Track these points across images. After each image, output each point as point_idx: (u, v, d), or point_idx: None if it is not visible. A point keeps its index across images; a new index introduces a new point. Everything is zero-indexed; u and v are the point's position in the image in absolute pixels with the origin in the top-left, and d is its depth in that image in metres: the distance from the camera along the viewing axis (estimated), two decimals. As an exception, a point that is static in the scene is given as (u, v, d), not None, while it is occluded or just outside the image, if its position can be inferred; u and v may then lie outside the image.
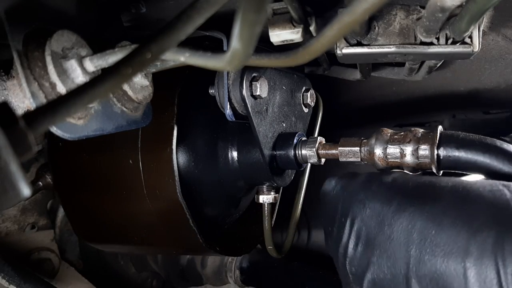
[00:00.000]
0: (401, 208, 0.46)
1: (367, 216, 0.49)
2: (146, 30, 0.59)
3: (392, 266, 0.45)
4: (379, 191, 0.49)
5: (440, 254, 0.41)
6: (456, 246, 0.41)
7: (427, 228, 0.43)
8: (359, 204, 0.50)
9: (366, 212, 0.49)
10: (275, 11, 0.49)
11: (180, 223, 0.63)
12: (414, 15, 0.49)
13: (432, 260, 0.42)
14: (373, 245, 0.47)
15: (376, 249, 0.47)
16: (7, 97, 0.40)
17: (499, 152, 0.48)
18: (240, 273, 1.01)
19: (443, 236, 0.42)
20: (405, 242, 0.44)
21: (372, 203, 0.49)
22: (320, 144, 0.63)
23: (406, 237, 0.44)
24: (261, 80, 0.60)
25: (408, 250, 0.44)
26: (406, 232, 0.45)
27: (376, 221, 0.48)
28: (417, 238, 0.44)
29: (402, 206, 0.46)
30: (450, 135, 0.52)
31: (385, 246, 0.46)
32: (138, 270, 1.08)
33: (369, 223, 0.48)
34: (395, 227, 0.46)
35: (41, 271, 0.91)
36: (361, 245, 0.49)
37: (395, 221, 0.46)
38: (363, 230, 0.49)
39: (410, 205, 0.46)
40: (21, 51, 0.36)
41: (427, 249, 0.42)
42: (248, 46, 0.27)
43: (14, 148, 0.22)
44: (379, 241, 0.47)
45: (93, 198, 0.70)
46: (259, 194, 0.70)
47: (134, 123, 0.48)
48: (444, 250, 0.41)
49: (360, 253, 0.49)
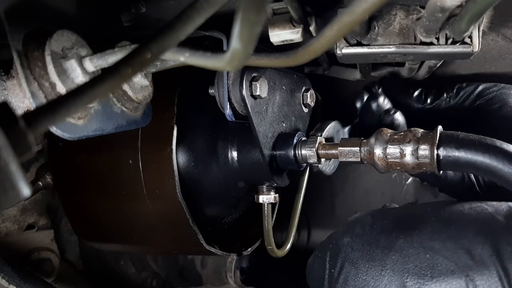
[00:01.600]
0: (390, 243, 0.46)
1: (356, 258, 0.48)
2: (146, 30, 0.59)
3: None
4: (363, 233, 0.50)
5: (439, 275, 0.42)
6: (453, 265, 0.41)
7: (420, 254, 0.44)
8: (347, 248, 0.50)
9: (355, 255, 0.49)
10: (275, 11, 0.49)
11: (180, 223, 0.63)
12: (414, 15, 0.49)
13: (431, 284, 0.42)
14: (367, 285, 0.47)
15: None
16: (7, 97, 0.40)
17: (499, 152, 0.48)
18: (240, 273, 1.00)
19: (439, 258, 0.42)
20: (400, 274, 0.44)
21: (359, 245, 0.49)
22: (320, 144, 0.63)
23: (401, 268, 0.44)
24: (261, 80, 0.60)
25: (405, 281, 0.44)
26: (401, 264, 0.45)
27: (367, 261, 0.47)
28: (412, 267, 0.44)
29: (390, 241, 0.46)
30: (450, 135, 0.52)
31: (380, 283, 0.46)
32: (138, 270, 1.08)
33: (359, 265, 0.48)
34: (387, 261, 0.45)
35: (41, 271, 0.91)
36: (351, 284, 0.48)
37: (387, 256, 0.46)
38: (353, 274, 0.48)
39: (397, 238, 0.46)
40: (21, 51, 0.36)
41: (425, 275, 0.43)
42: (248, 46, 0.27)
43: (14, 148, 0.22)
44: (372, 280, 0.46)
45: (93, 198, 0.70)
46: (259, 194, 0.70)
47: (134, 123, 0.48)
48: (442, 271, 0.42)
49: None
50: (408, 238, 0.45)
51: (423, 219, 0.46)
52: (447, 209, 0.47)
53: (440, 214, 0.46)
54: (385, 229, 0.48)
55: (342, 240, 0.51)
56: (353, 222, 0.53)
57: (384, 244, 0.46)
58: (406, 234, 0.46)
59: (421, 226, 0.45)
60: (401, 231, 0.46)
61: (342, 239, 0.51)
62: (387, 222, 0.49)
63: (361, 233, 0.50)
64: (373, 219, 0.51)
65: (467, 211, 0.45)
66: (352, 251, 0.49)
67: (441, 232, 0.44)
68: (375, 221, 0.50)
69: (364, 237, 0.49)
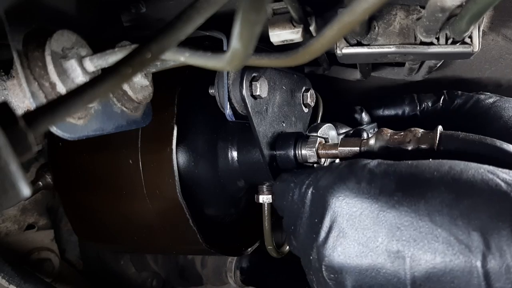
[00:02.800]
0: (391, 209, 0.42)
1: (349, 214, 0.44)
2: (146, 30, 0.59)
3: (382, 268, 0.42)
4: (358, 189, 0.45)
5: (445, 252, 0.39)
6: (466, 249, 0.39)
7: (426, 230, 0.40)
8: (341, 204, 0.45)
9: (348, 211, 0.45)
10: (275, 11, 0.49)
11: (180, 223, 0.63)
12: (414, 15, 0.49)
13: (431, 258, 0.40)
14: (359, 245, 0.44)
15: (361, 250, 0.43)
16: (7, 97, 0.40)
17: (499, 152, 0.48)
18: (240, 273, 1.01)
19: (450, 239, 0.39)
20: (395, 240, 0.41)
21: (353, 199, 0.44)
22: (320, 144, 0.63)
23: (397, 235, 0.41)
24: (261, 80, 0.60)
25: (402, 250, 0.41)
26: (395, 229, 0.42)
27: (361, 220, 0.44)
28: (408, 236, 0.41)
29: (391, 206, 0.42)
30: (450, 135, 0.52)
31: (374, 246, 0.43)
32: (138, 270, 1.08)
33: (352, 222, 0.44)
34: (384, 224, 0.42)
35: (41, 271, 0.91)
36: (341, 247, 0.45)
37: (384, 217, 0.42)
38: (345, 231, 0.45)
39: (400, 205, 0.42)
40: (21, 51, 0.36)
41: (425, 247, 0.40)
42: (248, 46, 0.27)
43: (14, 148, 0.22)
44: (366, 242, 0.43)
45: (93, 198, 0.70)
46: (259, 194, 0.70)
47: (134, 123, 0.48)
48: (447, 247, 0.39)
49: (340, 255, 0.45)
50: (413, 207, 0.41)
51: (430, 185, 0.42)
52: (456, 176, 0.42)
53: (450, 182, 0.41)
54: (385, 190, 0.43)
55: (332, 191, 0.46)
56: (347, 171, 0.47)
57: (384, 210, 0.42)
58: (411, 202, 0.41)
59: (428, 195, 0.41)
60: (405, 197, 0.42)
61: (332, 190, 0.46)
62: (387, 182, 0.44)
63: (356, 189, 0.45)
64: (371, 174, 0.45)
65: (479, 184, 0.40)
66: (347, 206, 0.44)
67: (452, 207, 0.40)
68: (373, 177, 0.45)
69: (360, 196, 0.44)
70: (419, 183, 0.43)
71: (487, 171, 0.42)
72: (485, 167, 0.43)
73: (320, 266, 0.47)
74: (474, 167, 0.43)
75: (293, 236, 0.53)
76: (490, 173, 0.42)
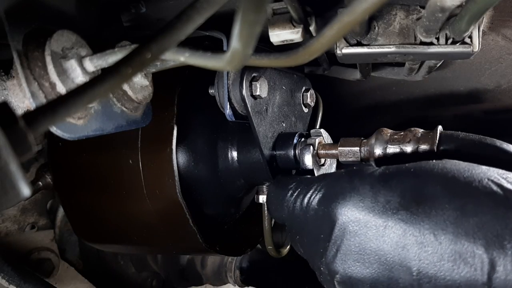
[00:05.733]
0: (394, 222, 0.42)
1: (354, 231, 0.45)
2: (146, 30, 0.59)
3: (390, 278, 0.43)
4: (364, 206, 0.45)
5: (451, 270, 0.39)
6: (472, 270, 0.39)
7: (428, 245, 0.41)
8: (344, 219, 0.46)
9: (353, 228, 0.45)
10: (275, 11, 0.49)
11: (180, 223, 0.63)
12: (414, 15, 0.49)
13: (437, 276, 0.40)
14: (368, 261, 0.44)
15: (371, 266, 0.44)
16: (7, 97, 0.40)
17: (499, 152, 0.48)
18: (240, 273, 1.01)
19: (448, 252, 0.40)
20: (402, 257, 0.42)
21: (358, 216, 0.45)
22: (320, 144, 0.63)
23: (403, 253, 0.42)
24: (261, 80, 0.60)
25: (410, 266, 0.41)
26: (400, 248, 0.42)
27: (368, 237, 0.44)
28: (413, 254, 0.41)
29: (394, 222, 0.43)
30: (450, 135, 0.52)
31: (384, 260, 0.43)
32: (138, 270, 1.08)
33: (359, 239, 0.44)
34: (389, 242, 0.43)
35: (41, 271, 0.91)
36: (352, 263, 0.45)
37: (389, 234, 0.43)
38: (353, 248, 0.45)
39: (404, 222, 0.42)
40: (21, 51, 0.36)
41: (431, 265, 0.40)
42: (248, 46, 0.27)
43: (14, 148, 0.22)
44: (375, 258, 0.44)
45: (93, 198, 0.70)
46: (259, 194, 0.70)
47: (134, 123, 0.48)
48: (453, 266, 0.39)
49: (352, 270, 0.45)
50: (418, 226, 0.41)
51: (434, 202, 0.41)
52: (461, 189, 0.41)
53: (453, 197, 0.41)
54: (389, 207, 0.43)
55: (336, 210, 0.46)
56: (349, 186, 0.47)
57: (390, 227, 0.43)
58: (415, 220, 0.41)
59: (433, 213, 0.41)
60: (409, 215, 0.42)
61: (336, 208, 0.46)
62: (391, 198, 0.44)
63: (361, 207, 0.45)
64: (374, 191, 0.45)
65: (485, 199, 0.40)
66: (353, 223, 0.45)
67: (456, 225, 0.39)
68: (377, 195, 0.45)
69: (365, 213, 0.44)
70: (423, 198, 0.42)
71: (492, 181, 0.41)
72: (491, 173, 0.42)
73: (332, 279, 0.47)
74: (478, 178, 0.42)
75: (299, 244, 0.53)
76: (495, 184, 0.41)
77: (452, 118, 1.05)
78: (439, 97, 0.90)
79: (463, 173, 0.43)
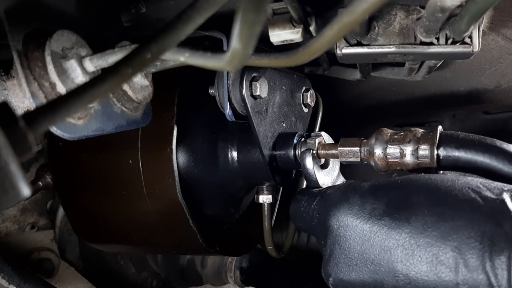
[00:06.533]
0: (378, 227, 0.46)
1: (345, 237, 0.48)
2: (146, 30, 0.59)
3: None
4: (352, 214, 0.49)
5: (428, 271, 0.42)
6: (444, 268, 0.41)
7: (407, 248, 0.43)
8: (336, 226, 0.49)
9: (344, 233, 0.49)
10: (275, 11, 0.49)
11: (180, 223, 0.63)
12: (414, 15, 0.49)
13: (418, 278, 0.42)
14: (357, 264, 0.47)
15: (360, 269, 0.47)
16: (7, 97, 0.40)
17: (499, 152, 0.48)
18: (240, 273, 1.01)
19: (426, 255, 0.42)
20: (386, 260, 0.45)
21: (348, 223, 0.48)
22: (320, 144, 0.63)
23: (386, 256, 0.45)
24: (261, 80, 0.60)
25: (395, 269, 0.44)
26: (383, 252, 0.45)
27: (355, 242, 0.47)
28: (396, 257, 0.44)
29: (378, 227, 0.46)
30: (450, 135, 0.52)
31: (372, 264, 0.46)
32: (138, 270, 1.08)
33: (349, 244, 0.48)
34: (375, 247, 0.46)
35: (41, 271, 0.91)
36: (343, 266, 0.48)
37: (374, 239, 0.46)
38: (343, 252, 0.48)
39: (387, 227, 0.45)
40: (21, 51, 0.36)
41: (411, 267, 0.43)
42: (248, 46, 0.27)
43: (14, 148, 0.22)
44: (364, 262, 0.46)
45: (93, 198, 0.70)
46: (259, 194, 0.70)
47: (134, 123, 0.48)
48: (430, 267, 0.42)
49: (342, 274, 0.48)
50: (399, 230, 0.45)
51: (415, 208, 0.45)
52: (440, 197, 0.45)
53: (433, 204, 0.45)
54: (374, 214, 0.47)
55: (329, 218, 0.50)
56: (342, 197, 0.51)
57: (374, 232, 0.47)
58: (397, 225, 0.45)
59: (413, 218, 0.45)
60: (392, 220, 0.46)
61: (329, 217, 0.51)
62: (377, 206, 0.48)
63: (350, 215, 0.49)
64: (362, 200, 0.49)
65: (461, 206, 0.43)
66: (343, 229, 0.49)
67: (433, 229, 0.43)
68: (364, 203, 0.49)
69: (353, 220, 0.48)
70: (406, 205, 0.46)
71: (472, 189, 0.44)
72: (473, 183, 0.45)
73: (327, 280, 0.51)
74: (459, 187, 0.45)
75: None
76: (474, 191, 0.43)
77: (452, 118, 1.05)
78: (439, 97, 0.91)
79: (446, 183, 0.46)
